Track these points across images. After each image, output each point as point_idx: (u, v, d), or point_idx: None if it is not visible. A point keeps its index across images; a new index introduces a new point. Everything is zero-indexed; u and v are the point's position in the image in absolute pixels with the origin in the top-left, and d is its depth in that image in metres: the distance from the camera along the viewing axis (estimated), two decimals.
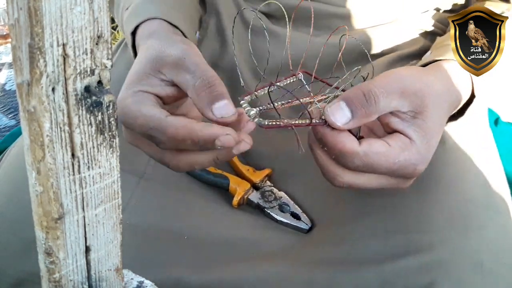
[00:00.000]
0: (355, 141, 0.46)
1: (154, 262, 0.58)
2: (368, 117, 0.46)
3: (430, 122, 0.47)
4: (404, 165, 0.46)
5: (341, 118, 0.45)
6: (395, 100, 0.46)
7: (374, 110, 0.46)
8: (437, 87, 0.50)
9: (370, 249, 0.53)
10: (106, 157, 0.32)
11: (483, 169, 0.58)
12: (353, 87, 0.47)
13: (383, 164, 0.46)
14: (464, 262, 0.50)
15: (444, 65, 0.54)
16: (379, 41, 0.69)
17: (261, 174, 0.65)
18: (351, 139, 0.46)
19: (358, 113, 0.45)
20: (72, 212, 0.32)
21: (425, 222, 0.53)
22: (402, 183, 0.49)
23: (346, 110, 0.45)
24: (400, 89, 0.46)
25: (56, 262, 0.32)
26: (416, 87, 0.47)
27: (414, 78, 0.48)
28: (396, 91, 0.46)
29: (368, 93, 0.45)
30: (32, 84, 0.28)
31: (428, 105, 0.47)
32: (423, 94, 0.47)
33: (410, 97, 0.47)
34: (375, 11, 0.69)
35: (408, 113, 0.47)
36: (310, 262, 0.55)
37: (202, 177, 0.65)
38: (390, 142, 0.46)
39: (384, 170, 0.46)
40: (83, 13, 0.28)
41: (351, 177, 0.47)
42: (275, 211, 0.62)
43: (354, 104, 0.45)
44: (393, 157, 0.46)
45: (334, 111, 0.45)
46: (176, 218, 0.61)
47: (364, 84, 0.47)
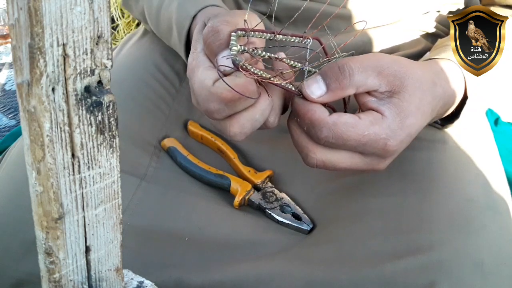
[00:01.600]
0: (326, 111, 0.46)
1: (155, 263, 0.58)
2: (342, 90, 0.46)
3: (406, 102, 0.47)
4: (373, 138, 0.46)
5: (316, 90, 0.46)
6: (371, 77, 0.46)
7: (348, 83, 0.46)
8: (419, 73, 0.49)
9: (370, 249, 0.53)
10: (106, 157, 0.32)
11: (483, 169, 0.58)
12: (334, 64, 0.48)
13: (351, 135, 0.46)
14: (464, 262, 0.49)
15: (437, 62, 0.54)
16: (381, 42, 0.69)
17: (262, 175, 0.65)
18: (321, 109, 0.46)
19: (332, 86, 0.46)
20: (72, 212, 0.32)
21: (425, 222, 0.53)
22: (376, 163, 0.49)
23: (321, 83, 0.46)
24: (378, 67, 0.47)
25: (56, 262, 0.32)
26: (395, 68, 0.47)
27: (394, 61, 0.48)
28: (373, 69, 0.47)
29: (343, 67, 0.46)
30: (32, 84, 0.28)
31: (407, 86, 0.47)
32: (403, 75, 0.47)
33: (388, 77, 0.47)
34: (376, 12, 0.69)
35: (385, 93, 0.47)
36: (310, 262, 0.55)
37: (204, 178, 0.65)
38: (361, 115, 0.47)
39: (353, 142, 0.46)
40: (83, 13, 0.28)
41: (323, 154, 0.47)
42: (276, 212, 0.62)
43: (329, 77, 0.46)
44: (362, 128, 0.46)
45: (310, 83, 0.46)
46: (177, 219, 0.61)
47: (342, 59, 0.47)
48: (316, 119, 0.45)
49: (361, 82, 0.46)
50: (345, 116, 0.46)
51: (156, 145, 0.69)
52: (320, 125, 0.45)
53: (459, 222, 0.52)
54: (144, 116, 0.70)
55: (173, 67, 0.75)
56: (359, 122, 0.46)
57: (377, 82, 0.47)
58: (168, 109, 0.72)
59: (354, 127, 0.46)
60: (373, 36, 0.69)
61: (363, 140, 0.46)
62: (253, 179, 0.65)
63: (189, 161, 0.66)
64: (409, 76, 0.47)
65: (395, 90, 0.47)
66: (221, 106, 0.46)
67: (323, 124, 0.45)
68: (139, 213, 0.60)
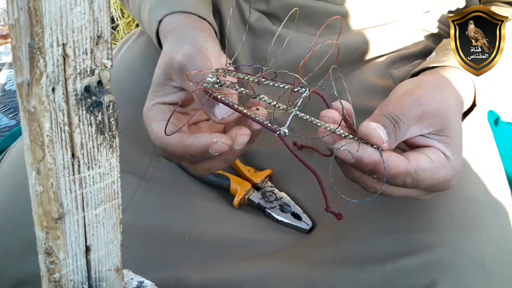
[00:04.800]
0: (404, 159, 0.45)
1: (155, 262, 0.58)
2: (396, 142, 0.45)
3: (455, 137, 0.47)
4: (442, 181, 0.46)
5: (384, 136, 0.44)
6: (413, 126, 0.46)
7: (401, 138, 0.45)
8: (452, 101, 0.49)
9: (370, 248, 0.53)
10: (106, 157, 0.32)
11: (483, 169, 0.58)
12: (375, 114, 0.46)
13: (427, 180, 0.45)
14: (465, 262, 0.50)
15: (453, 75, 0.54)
16: (381, 41, 0.69)
17: (262, 174, 0.65)
18: (401, 159, 0.45)
19: (392, 136, 0.44)
20: (72, 212, 0.32)
21: (425, 222, 0.53)
22: (425, 195, 0.49)
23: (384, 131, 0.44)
24: (419, 112, 0.46)
25: (56, 262, 0.32)
26: (434, 107, 0.47)
27: (431, 98, 0.47)
28: (414, 117, 0.46)
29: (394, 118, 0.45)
30: (32, 84, 0.28)
31: (449, 122, 0.47)
32: (442, 112, 0.47)
33: (429, 119, 0.46)
34: (377, 11, 0.69)
35: (430, 134, 0.47)
36: (310, 262, 0.55)
37: (203, 177, 0.65)
38: (432, 156, 0.46)
39: (426, 185, 0.46)
40: (83, 13, 0.28)
41: (387, 188, 0.47)
42: (276, 211, 0.62)
43: (387, 127, 0.44)
44: (436, 173, 0.45)
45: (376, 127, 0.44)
46: (177, 218, 0.61)
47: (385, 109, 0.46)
48: (401, 172, 0.44)
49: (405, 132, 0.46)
50: (421, 160, 0.45)
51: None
52: (404, 176, 0.44)
53: (460, 222, 0.52)
54: None
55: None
56: (433, 166, 0.45)
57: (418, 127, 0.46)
58: None
59: (429, 172, 0.45)
60: (373, 35, 0.69)
61: (434, 183, 0.46)
62: (253, 179, 0.65)
63: None
64: (447, 109, 0.47)
65: (439, 128, 0.47)
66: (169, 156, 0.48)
67: (407, 175, 0.44)
68: (139, 213, 0.60)
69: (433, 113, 0.47)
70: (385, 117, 0.45)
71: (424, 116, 0.46)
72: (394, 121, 0.45)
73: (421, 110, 0.46)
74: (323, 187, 0.43)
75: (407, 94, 0.48)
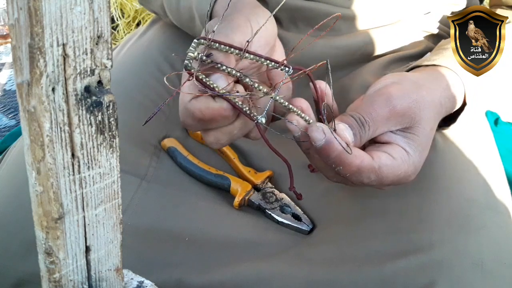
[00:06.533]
0: (369, 156, 0.46)
1: (155, 263, 0.58)
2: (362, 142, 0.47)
3: (422, 136, 0.48)
4: (403, 176, 0.47)
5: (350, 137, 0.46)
6: (380, 126, 0.47)
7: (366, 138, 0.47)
8: (428, 100, 0.50)
9: (370, 249, 0.53)
10: (106, 157, 0.32)
11: (483, 169, 0.58)
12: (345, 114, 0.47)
13: (389, 177, 0.46)
14: (464, 262, 0.49)
15: (441, 74, 0.54)
16: (382, 42, 0.69)
17: (262, 175, 0.65)
18: (366, 155, 0.46)
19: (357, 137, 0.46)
20: (72, 212, 0.32)
21: (425, 222, 0.53)
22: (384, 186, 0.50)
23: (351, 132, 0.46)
24: (387, 113, 0.47)
25: (56, 262, 0.32)
26: (404, 107, 0.48)
27: (403, 97, 0.48)
28: (382, 117, 0.47)
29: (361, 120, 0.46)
30: (32, 84, 0.28)
31: (419, 121, 0.48)
32: (413, 111, 0.48)
33: (397, 118, 0.47)
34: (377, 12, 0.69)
35: (397, 131, 0.48)
36: (310, 263, 0.55)
37: (204, 178, 0.65)
38: (393, 154, 0.47)
39: (389, 182, 0.47)
40: (83, 13, 0.28)
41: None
42: (276, 212, 0.62)
43: (354, 128, 0.46)
44: (397, 169, 0.47)
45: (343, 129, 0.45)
46: (177, 219, 0.61)
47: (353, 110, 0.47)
48: (365, 166, 0.45)
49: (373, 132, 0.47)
50: (383, 157, 0.46)
51: (156, 145, 0.69)
52: (369, 172, 0.45)
53: (459, 222, 0.52)
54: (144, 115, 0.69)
55: (173, 66, 0.75)
56: (394, 163, 0.46)
57: (387, 125, 0.47)
58: (168, 109, 0.72)
59: (392, 169, 0.46)
60: (374, 37, 0.69)
61: (396, 179, 0.47)
62: (253, 180, 0.65)
63: (189, 161, 0.66)
64: (419, 109, 0.48)
65: (407, 126, 0.48)
66: (194, 122, 0.46)
67: (371, 171, 0.45)
68: (140, 213, 0.60)
69: (402, 113, 0.47)
70: (353, 118, 0.46)
71: (392, 116, 0.47)
72: (361, 123, 0.46)
73: (389, 110, 0.47)
74: (291, 171, 0.48)
75: (379, 92, 0.49)
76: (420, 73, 0.55)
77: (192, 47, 0.42)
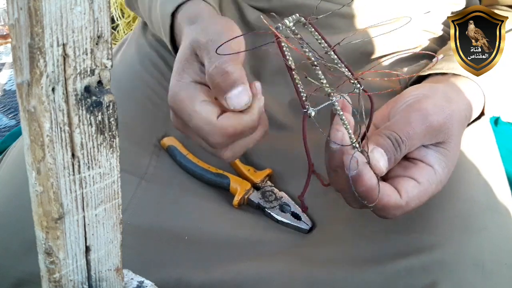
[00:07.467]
0: (397, 193, 0.45)
1: (155, 262, 0.58)
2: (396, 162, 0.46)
3: (452, 150, 0.48)
4: (428, 198, 0.47)
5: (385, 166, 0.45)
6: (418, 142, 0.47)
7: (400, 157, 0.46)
8: (458, 116, 0.50)
9: (371, 249, 0.53)
10: (106, 157, 0.32)
11: (483, 169, 0.58)
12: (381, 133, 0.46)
13: (416, 205, 0.46)
14: (465, 263, 0.49)
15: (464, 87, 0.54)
16: (382, 41, 0.69)
17: (261, 174, 0.65)
18: (395, 193, 0.45)
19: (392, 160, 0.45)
20: (72, 212, 0.32)
21: (426, 222, 0.53)
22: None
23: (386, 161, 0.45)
24: (423, 130, 0.46)
25: (56, 262, 0.32)
26: (440, 123, 0.47)
27: (439, 113, 0.48)
28: (419, 135, 0.46)
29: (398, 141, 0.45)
30: (32, 84, 0.28)
31: (451, 136, 0.48)
32: (447, 127, 0.48)
33: (432, 133, 0.47)
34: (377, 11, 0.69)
35: (430, 145, 0.48)
36: (310, 262, 0.54)
37: (203, 177, 0.65)
38: (420, 178, 0.46)
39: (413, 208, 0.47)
40: (83, 13, 0.28)
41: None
42: (275, 211, 0.62)
43: (389, 152, 0.45)
44: (424, 195, 0.46)
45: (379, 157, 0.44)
46: (176, 218, 0.61)
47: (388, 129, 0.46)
48: (392, 205, 0.44)
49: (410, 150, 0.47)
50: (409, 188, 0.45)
51: (155, 144, 0.68)
52: (395, 209, 0.45)
53: (460, 223, 0.52)
54: (144, 115, 0.70)
55: (171, 65, 0.74)
56: (421, 190, 0.46)
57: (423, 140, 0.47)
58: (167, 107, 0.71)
59: (418, 198, 0.46)
60: (373, 35, 0.69)
61: (420, 204, 0.47)
62: (253, 178, 0.65)
63: (188, 160, 0.66)
64: (452, 124, 0.48)
65: (441, 140, 0.48)
66: (224, 139, 0.47)
67: (397, 208, 0.45)
68: (139, 213, 0.60)
69: (438, 129, 0.47)
70: (389, 139, 0.45)
71: (428, 133, 0.47)
72: (397, 144, 0.45)
73: (426, 127, 0.46)
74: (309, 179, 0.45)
75: (414, 108, 0.48)
76: (446, 85, 0.55)
77: (292, 18, 0.42)
